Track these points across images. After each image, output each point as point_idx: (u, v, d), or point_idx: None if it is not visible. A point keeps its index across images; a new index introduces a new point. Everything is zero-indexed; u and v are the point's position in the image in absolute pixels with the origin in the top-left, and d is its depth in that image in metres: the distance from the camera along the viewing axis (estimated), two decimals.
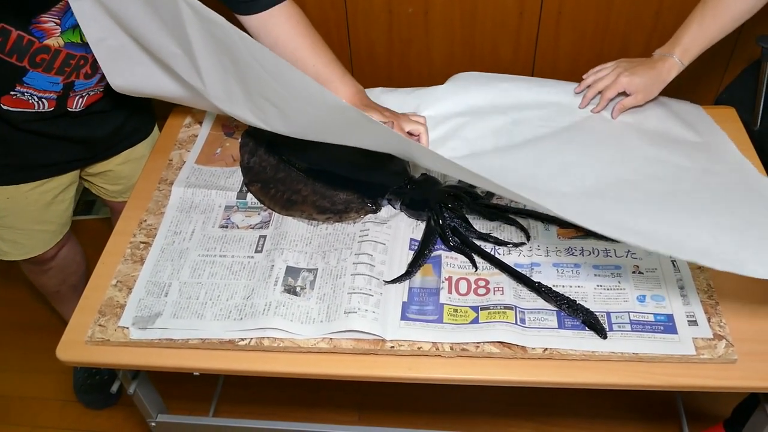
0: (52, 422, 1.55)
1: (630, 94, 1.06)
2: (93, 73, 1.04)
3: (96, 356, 0.89)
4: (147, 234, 1.02)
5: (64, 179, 1.16)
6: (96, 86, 1.06)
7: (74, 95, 1.04)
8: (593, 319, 0.84)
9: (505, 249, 0.95)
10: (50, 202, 1.17)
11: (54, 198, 1.17)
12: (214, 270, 0.96)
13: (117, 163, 1.23)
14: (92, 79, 1.04)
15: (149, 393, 1.05)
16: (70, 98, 1.04)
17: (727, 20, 1.01)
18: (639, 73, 1.04)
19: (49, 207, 1.17)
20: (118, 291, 0.94)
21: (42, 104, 1.01)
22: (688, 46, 1.03)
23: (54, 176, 1.15)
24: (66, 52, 0.97)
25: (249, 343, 0.87)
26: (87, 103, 1.07)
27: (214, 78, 0.91)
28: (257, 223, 1.02)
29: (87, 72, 1.02)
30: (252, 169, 1.08)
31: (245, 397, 1.55)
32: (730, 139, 1.07)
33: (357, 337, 0.86)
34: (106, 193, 1.30)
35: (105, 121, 1.14)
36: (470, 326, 0.85)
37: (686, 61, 1.04)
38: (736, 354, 0.81)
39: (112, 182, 1.27)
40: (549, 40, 1.51)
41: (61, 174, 1.15)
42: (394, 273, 0.92)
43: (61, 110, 1.04)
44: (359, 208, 0.99)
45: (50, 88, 1.00)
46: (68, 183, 1.18)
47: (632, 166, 0.99)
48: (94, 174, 1.24)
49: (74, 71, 1.00)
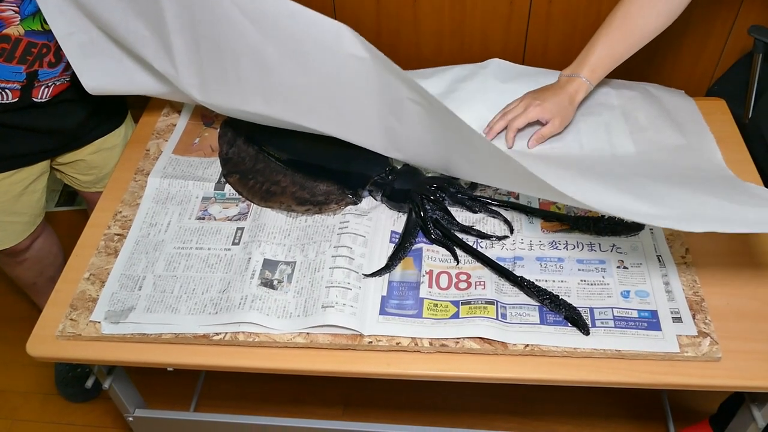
0: (32, 416, 1.52)
1: (545, 122, 0.99)
2: (57, 61, 1.01)
3: (67, 351, 0.87)
4: (122, 226, 0.99)
5: (33, 170, 1.14)
6: (62, 75, 1.04)
7: (39, 85, 1.02)
8: (576, 315, 0.82)
9: (487, 242, 0.93)
10: (21, 192, 1.14)
11: (25, 189, 1.14)
12: (190, 263, 0.93)
13: (89, 152, 1.20)
14: (57, 67, 1.02)
15: (126, 387, 1.03)
16: (35, 88, 1.02)
17: (636, 39, 0.97)
18: (548, 99, 0.99)
19: (20, 198, 1.14)
20: (91, 284, 0.92)
21: (5, 95, 0.99)
22: (595, 66, 0.98)
23: (22, 167, 1.12)
24: (27, 40, 0.95)
25: (224, 338, 0.85)
26: (53, 93, 1.05)
27: (187, 59, 0.89)
28: (235, 214, 1.00)
29: (50, 60, 1.00)
30: (231, 159, 1.06)
31: (228, 391, 1.53)
32: (719, 132, 1.04)
33: (334, 332, 0.84)
34: (78, 183, 1.27)
35: (73, 111, 1.11)
36: (450, 321, 0.83)
37: (594, 80, 0.99)
38: (721, 352, 0.79)
39: (83, 172, 1.24)
40: (539, 30, 1.48)
41: (29, 165, 1.12)
42: (374, 266, 0.90)
43: (26, 101, 1.02)
44: (339, 199, 0.97)
45: (12, 78, 0.97)
46: (39, 173, 1.16)
47: (618, 163, 0.97)
48: (65, 164, 1.21)
49: (37, 60, 0.98)
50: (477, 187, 0.99)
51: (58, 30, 0.93)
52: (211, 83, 0.94)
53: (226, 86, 0.93)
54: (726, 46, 1.50)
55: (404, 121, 0.86)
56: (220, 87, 0.94)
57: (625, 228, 0.91)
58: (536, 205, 0.96)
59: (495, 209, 0.96)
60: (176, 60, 0.92)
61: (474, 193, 0.97)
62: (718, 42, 1.49)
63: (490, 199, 0.97)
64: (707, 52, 1.51)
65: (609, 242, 0.91)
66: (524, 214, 0.96)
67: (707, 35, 1.45)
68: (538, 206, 0.96)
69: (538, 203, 0.97)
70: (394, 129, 0.89)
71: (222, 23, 0.84)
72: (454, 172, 0.95)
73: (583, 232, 0.93)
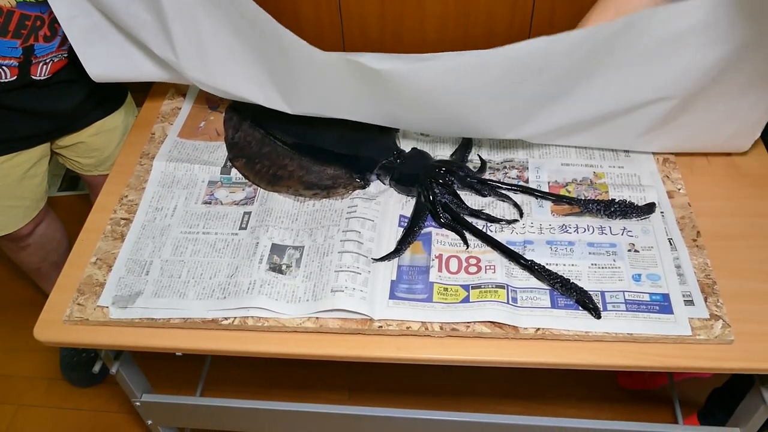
0: (37, 401, 1.53)
1: None
2: (53, 34, 0.99)
3: (74, 336, 0.86)
4: (128, 210, 0.98)
5: (33, 153, 1.13)
6: (59, 51, 1.02)
7: (37, 61, 1.00)
8: (587, 299, 0.82)
9: (497, 226, 0.92)
10: (22, 176, 1.13)
11: (26, 172, 1.13)
12: (197, 247, 0.93)
13: (89, 134, 1.19)
14: (53, 42, 1.00)
15: (133, 372, 1.03)
16: (33, 65, 1.00)
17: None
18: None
19: (21, 182, 1.13)
20: (98, 269, 0.91)
21: (4, 73, 0.97)
22: None
23: (22, 150, 1.11)
24: (19, 12, 0.93)
25: (233, 323, 0.84)
26: (52, 71, 1.03)
27: (185, 43, 0.88)
28: (242, 199, 0.99)
29: (46, 34, 0.98)
30: (237, 144, 1.05)
31: (234, 376, 1.53)
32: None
33: (344, 317, 0.83)
34: (80, 166, 1.26)
35: (72, 92, 1.10)
36: (461, 305, 0.83)
37: None
38: (733, 335, 0.79)
39: (84, 155, 1.23)
40: (545, 13, 1.47)
41: (29, 148, 1.11)
42: (382, 250, 0.89)
43: (25, 79, 1.00)
44: (347, 183, 0.96)
45: (9, 54, 0.96)
46: (39, 157, 1.14)
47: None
48: (65, 147, 1.20)
49: (32, 33, 0.96)
50: (486, 170, 0.99)
51: (61, 13, 0.92)
52: (213, 66, 0.93)
53: (228, 67, 0.92)
54: None
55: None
56: (222, 68, 0.92)
57: (636, 211, 0.91)
58: (546, 189, 0.96)
59: (504, 193, 0.95)
60: (176, 45, 0.91)
61: (483, 176, 0.96)
62: None
63: (499, 183, 0.96)
64: None
65: (619, 225, 0.91)
66: (534, 197, 0.95)
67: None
68: (548, 189, 0.96)
69: (548, 187, 0.96)
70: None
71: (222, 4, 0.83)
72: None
73: (593, 215, 0.92)
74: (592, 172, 0.98)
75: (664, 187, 0.96)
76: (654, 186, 0.95)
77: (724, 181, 0.97)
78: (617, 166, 0.99)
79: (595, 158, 1.00)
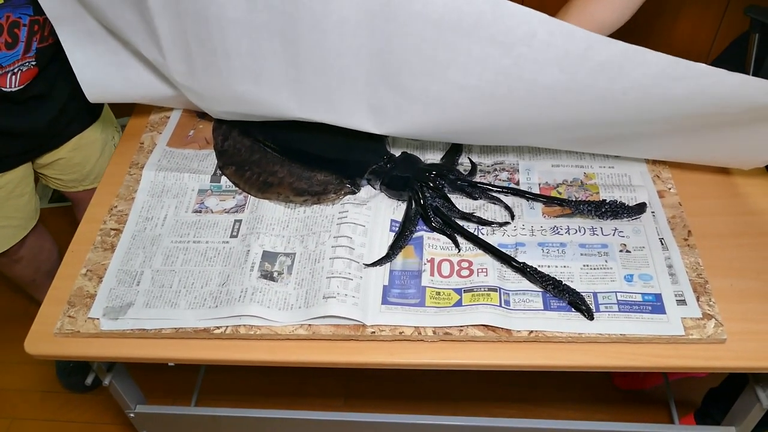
0: (31, 413, 1.52)
1: None
2: (14, 41, 0.97)
3: (66, 349, 0.85)
4: (118, 220, 0.98)
5: (15, 173, 1.12)
6: (24, 58, 1.00)
7: (4, 71, 0.99)
8: (579, 300, 0.82)
9: (488, 229, 0.92)
10: (7, 197, 1.12)
11: (10, 193, 1.12)
12: (188, 257, 0.92)
13: (67, 150, 1.17)
14: (16, 49, 0.98)
15: (126, 384, 1.02)
16: (2, 76, 0.99)
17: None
18: None
19: (6, 202, 1.12)
20: (88, 280, 0.91)
21: None
22: None
23: (2, 171, 1.10)
24: None
25: (225, 332, 0.84)
26: (23, 81, 1.01)
27: (172, 43, 0.87)
28: (232, 207, 0.98)
29: (7, 40, 0.96)
30: (226, 152, 1.04)
31: (229, 384, 1.52)
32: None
33: (337, 323, 0.83)
34: (62, 184, 1.24)
35: (44, 106, 1.08)
36: (453, 309, 0.83)
37: None
38: (726, 334, 0.79)
39: (65, 172, 1.22)
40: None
41: (10, 169, 1.10)
42: (374, 256, 0.89)
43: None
44: (338, 188, 0.96)
45: None
46: (22, 176, 1.13)
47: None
48: (45, 165, 1.19)
49: None
50: (476, 173, 0.98)
51: (52, 15, 0.89)
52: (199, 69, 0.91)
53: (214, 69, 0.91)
54: (721, 26, 1.50)
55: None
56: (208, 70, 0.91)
57: (627, 211, 0.91)
58: (537, 191, 0.96)
59: (495, 195, 0.95)
60: (162, 45, 0.89)
61: (474, 179, 0.96)
62: (713, 22, 1.48)
63: (490, 185, 0.96)
64: (703, 33, 1.51)
65: (611, 226, 0.91)
66: (525, 199, 0.95)
67: (702, 16, 1.45)
68: (538, 191, 0.96)
69: (539, 189, 0.96)
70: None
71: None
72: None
73: (584, 216, 0.92)
74: (583, 173, 0.98)
75: (655, 186, 0.96)
76: (644, 186, 0.96)
77: (714, 180, 0.98)
78: (607, 166, 0.99)
79: (585, 159, 1.00)
